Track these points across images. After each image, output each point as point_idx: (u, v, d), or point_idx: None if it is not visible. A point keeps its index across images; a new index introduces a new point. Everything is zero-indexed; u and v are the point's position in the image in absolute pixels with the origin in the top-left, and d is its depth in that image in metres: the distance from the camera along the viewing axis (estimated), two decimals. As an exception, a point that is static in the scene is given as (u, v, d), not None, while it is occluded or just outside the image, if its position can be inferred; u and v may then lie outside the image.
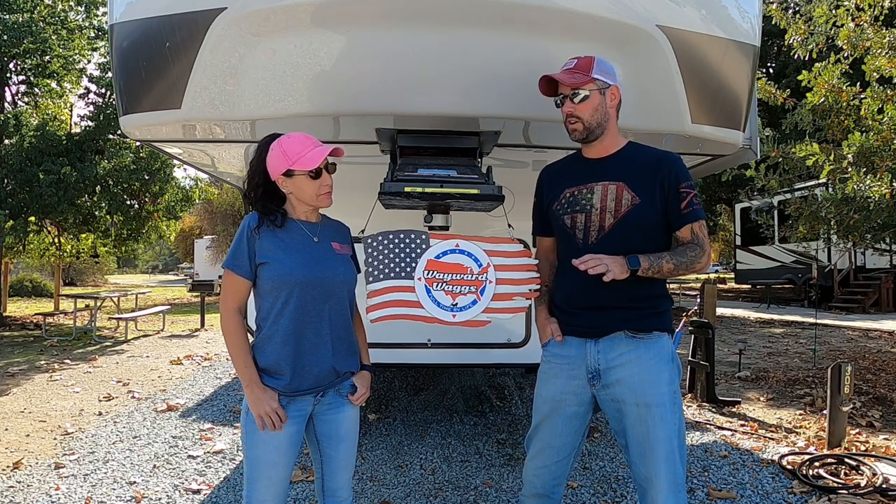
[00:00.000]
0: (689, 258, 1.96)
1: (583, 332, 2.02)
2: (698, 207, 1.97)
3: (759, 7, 2.62)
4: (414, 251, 2.24)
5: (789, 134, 7.10)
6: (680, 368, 2.03)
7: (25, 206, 10.78)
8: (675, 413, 1.94)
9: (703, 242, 1.98)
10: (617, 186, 1.98)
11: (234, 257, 1.90)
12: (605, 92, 1.99)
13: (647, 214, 1.96)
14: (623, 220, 1.96)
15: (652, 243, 1.98)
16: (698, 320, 5.79)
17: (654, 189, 1.96)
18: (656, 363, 1.96)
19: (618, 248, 1.95)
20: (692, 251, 1.97)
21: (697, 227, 1.98)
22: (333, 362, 1.96)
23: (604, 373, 1.98)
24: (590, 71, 1.96)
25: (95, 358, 8.14)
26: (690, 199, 1.96)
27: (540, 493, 2.13)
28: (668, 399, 1.93)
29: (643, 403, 1.92)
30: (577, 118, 1.99)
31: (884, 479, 3.39)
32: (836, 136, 5.46)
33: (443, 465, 3.85)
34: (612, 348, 1.98)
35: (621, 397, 1.96)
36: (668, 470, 1.90)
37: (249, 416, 1.89)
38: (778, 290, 17.35)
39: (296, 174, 1.90)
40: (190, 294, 21.87)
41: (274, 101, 2.37)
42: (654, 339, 1.98)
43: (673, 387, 1.96)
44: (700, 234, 1.98)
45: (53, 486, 3.51)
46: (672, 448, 1.90)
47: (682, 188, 1.96)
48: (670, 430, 1.91)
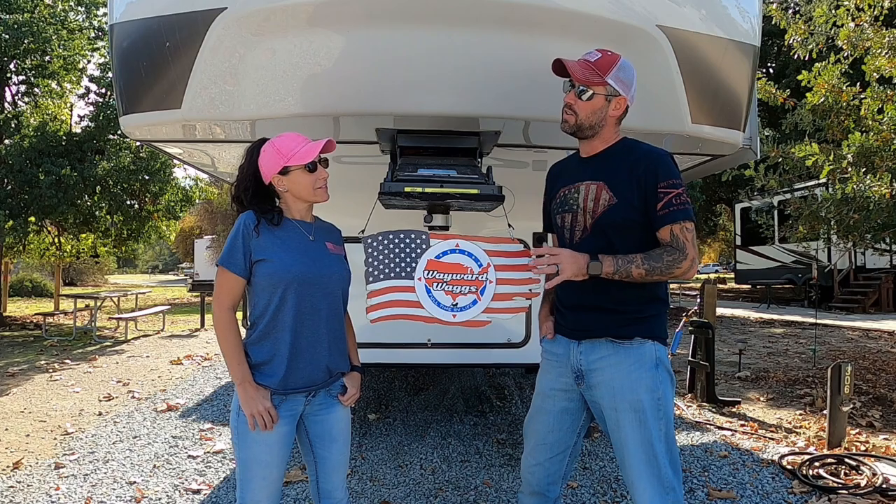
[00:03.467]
0: (664, 262, 1.84)
1: (568, 332, 2.02)
2: (680, 208, 1.85)
3: (759, 7, 2.62)
4: (414, 251, 2.24)
5: (789, 134, 7.11)
6: (672, 374, 1.97)
7: (25, 207, 10.78)
8: (658, 419, 1.89)
9: (684, 246, 1.85)
10: (597, 186, 1.94)
11: (229, 255, 1.90)
12: (611, 100, 1.93)
13: (625, 214, 1.89)
14: (599, 221, 1.92)
15: (632, 245, 1.91)
16: (698, 320, 5.79)
17: (631, 188, 1.89)
18: (636, 369, 1.90)
19: (599, 249, 1.90)
20: (669, 255, 1.85)
21: (678, 230, 1.86)
22: (328, 361, 1.96)
23: (586, 374, 1.97)
24: (606, 73, 1.89)
25: (95, 358, 8.14)
26: (669, 199, 1.85)
27: (536, 491, 2.13)
28: (647, 405, 1.88)
29: (620, 408, 1.90)
30: (574, 112, 1.94)
31: (884, 479, 3.39)
32: (836, 136, 5.46)
33: (443, 465, 3.85)
34: (593, 350, 1.96)
35: (601, 401, 1.95)
36: (650, 473, 1.87)
37: (241, 417, 1.88)
38: (778, 290, 17.35)
39: (292, 170, 1.91)
40: (190, 294, 21.84)
41: (274, 101, 2.37)
42: (635, 345, 1.92)
43: (656, 393, 1.90)
44: (681, 236, 1.86)
45: (53, 486, 3.51)
46: (654, 453, 1.87)
47: (660, 188, 1.86)
48: (650, 435, 1.87)
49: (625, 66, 1.93)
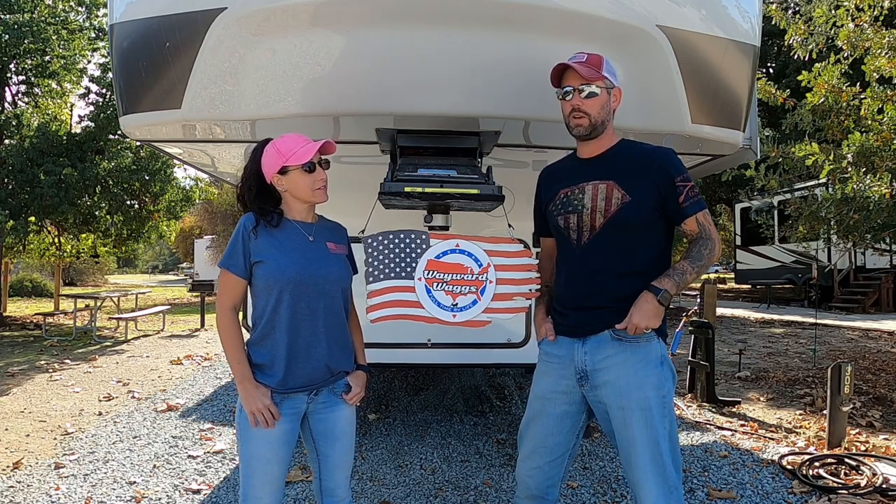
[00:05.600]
0: (705, 258, 1.95)
1: (572, 331, 2.02)
2: (698, 198, 1.95)
3: (759, 7, 2.62)
4: (414, 251, 2.24)
5: (789, 134, 7.11)
6: (674, 372, 2.00)
7: (26, 206, 10.78)
8: (663, 417, 1.90)
9: (710, 232, 1.96)
10: (607, 185, 1.96)
11: (230, 257, 1.93)
12: (610, 92, 2.00)
13: (639, 212, 1.93)
14: (613, 219, 1.94)
15: (643, 241, 1.96)
16: (698, 320, 5.79)
17: (645, 186, 1.94)
18: (643, 367, 1.93)
19: (609, 247, 1.95)
20: (705, 248, 1.95)
21: (702, 217, 1.96)
22: (328, 361, 1.97)
23: (591, 374, 1.97)
24: (601, 68, 1.96)
25: (95, 358, 8.14)
26: (688, 191, 1.94)
27: (534, 495, 2.11)
28: (654, 403, 1.90)
29: (627, 407, 1.91)
30: (585, 113, 1.96)
31: (884, 479, 3.39)
32: (836, 136, 5.46)
33: (443, 465, 3.85)
34: (598, 350, 1.96)
35: (606, 400, 1.95)
36: (655, 472, 1.88)
37: (243, 414, 1.90)
38: (778, 290, 17.35)
39: (290, 170, 1.92)
40: (190, 294, 21.86)
41: (274, 101, 2.37)
42: (641, 342, 1.94)
43: (662, 391, 1.92)
44: (706, 223, 1.96)
45: (53, 486, 3.51)
46: (659, 452, 1.88)
47: (677, 182, 1.94)
48: (657, 434, 1.88)
49: (607, 60, 2.02)
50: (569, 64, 1.96)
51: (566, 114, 2.01)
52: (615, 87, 2.01)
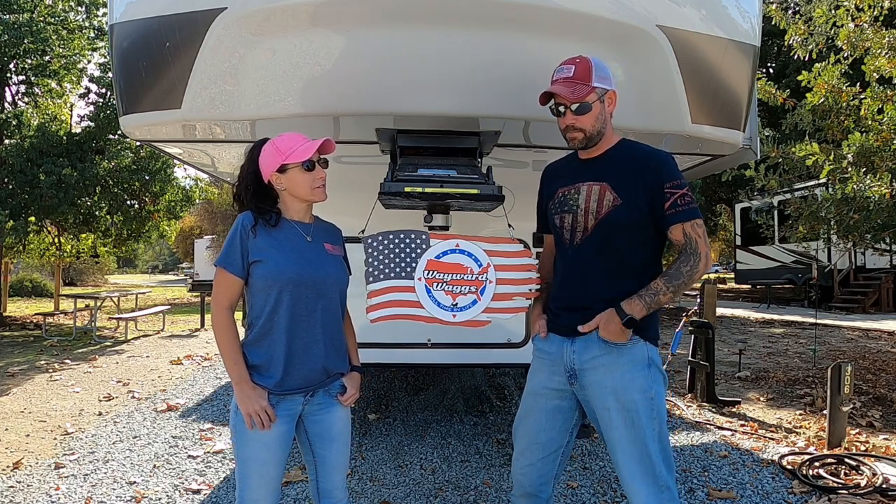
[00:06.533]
0: (685, 275, 1.87)
1: (563, 330, 2.02)
2: (688, 208, 1.88)
3: (759, 7, 2.62)
4: (414, 251, 2.24)
5: (789, 134, 7.12)
6: (663, 373, 1.99)
7: (26, 207, 10.78)
8: (651, 418, 1.90)
9: (697, 245, 1.88)
10: (600, 187, 1.95)
11: (226, 255, 1.90)
12: (604, 99, 1.96)
13: (629, 214, 1.91)
14: (603, 221, 1.93)
15: (634, 244, 1.95)
16: (698, 320, 5.79)
17: (636, 189, 1.91)
18: (629, 369, 1.92)
19: (600, 249, 1.94)
20: (686, 264, 1.88)
21: (690, 228, 1.89)
22: (325, 362, 1.96)
23: (579, 373, 1.97)
24: (589, 79, 1.91)
25: (95, 358, 8.14)
26: (676, 199, 1.88)
27: (528, 493, 2.12)
28: (640, 405, 1.89)
29: (613, 408, 1.91)
30: (579, 129, 1.94)
31: (884, 479, 3.39)
32: (836, 137, 5.46)
33: (443, 465, 3.85)
34: (586, 350, 1.96)
35: (594, 400, 1.96)
36: (644, 473, 1.88)
37: (239, 416, 1.89)
38: (778, 290, 17.35)
39: (289, 168, 1.91)
40: (190, 294, 21.84)
41: (274, 101, 2.37)
42: (627, 345, 1.93)
43: (649, 393, 1.91)
44: (693, 234, 1.89)
45: (53, 486, 3.51)
46: (647, 452, 1.88)
47: (666, 188, 1.89)
48: (644, 435, 1.89)
49: (597, 64, 1.96)
50: (552, 91, 1.94)
51: (561, 128, 2.01)
52: (609, 91, 1.96)
